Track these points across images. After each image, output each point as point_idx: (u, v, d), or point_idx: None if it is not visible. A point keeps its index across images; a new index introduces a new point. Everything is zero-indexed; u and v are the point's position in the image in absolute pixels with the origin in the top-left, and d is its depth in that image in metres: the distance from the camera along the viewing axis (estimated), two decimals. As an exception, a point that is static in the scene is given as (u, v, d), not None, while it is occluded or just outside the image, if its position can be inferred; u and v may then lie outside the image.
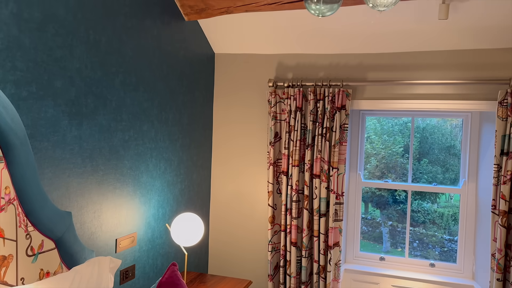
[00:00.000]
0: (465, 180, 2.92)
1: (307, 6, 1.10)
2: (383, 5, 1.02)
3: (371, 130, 3.59)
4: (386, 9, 1.03)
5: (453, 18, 2.44)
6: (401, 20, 2.53)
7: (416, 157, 3.34)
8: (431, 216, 3.80)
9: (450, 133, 3.35)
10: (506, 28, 2.45)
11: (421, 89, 2.79)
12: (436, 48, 2.74)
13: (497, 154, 2.51)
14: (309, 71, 3.04)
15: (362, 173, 3.19)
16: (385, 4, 1.02)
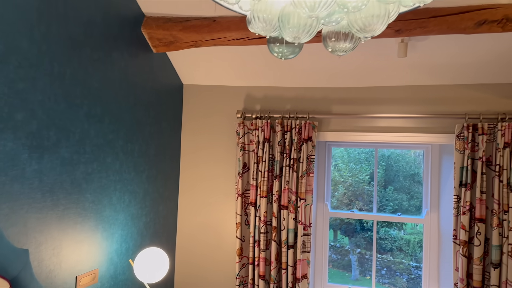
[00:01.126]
0: (428, 210, 3.01)
1: (270, 49, 1.14)
2: (341, 50, 1.07)
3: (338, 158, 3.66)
4: (345, 54, 1.08)
5: (411, 56, 2.58)
6: (364, 57, 2.65)
7: (382, 184, 3.42)
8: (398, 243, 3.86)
9: (413, 161, 3.46)
10: (461, 65, 2.61)
11: (383, 122, 2.90)
12: (396, 84, 2.87)
13: (456, 185, 2.61)
14: (276, 103, 3.10)
15: (329, 203, 3.22)
16: (343, 50, 1.07)
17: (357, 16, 0.97)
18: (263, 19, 1.04)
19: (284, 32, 0.99)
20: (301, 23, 0.97)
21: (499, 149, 2.52)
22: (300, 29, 0.97)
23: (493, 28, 2.13)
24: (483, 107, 2.73)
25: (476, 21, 2.13)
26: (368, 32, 0.97)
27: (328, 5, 0.86)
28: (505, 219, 2.49)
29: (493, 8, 2.10)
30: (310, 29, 0.97)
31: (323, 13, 0.87)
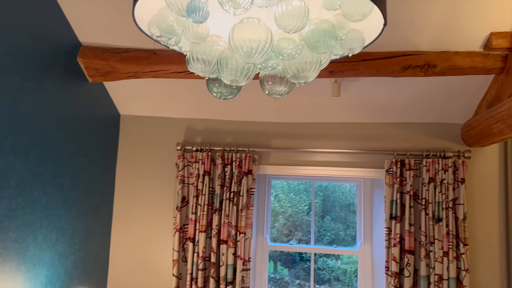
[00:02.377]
0: (362, 242, 3.11)
1: (209, 89, 1.15)
2: (278, 93, 1.11)
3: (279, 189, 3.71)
4: (281, 97, 1.11)
5: (344, 95, 2.72)
6: (302, 94, 2.76)
7: (320, 215, 3.50)
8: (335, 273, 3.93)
9: (349, 191, 3.60)
10: (390, 105, 2.80)
11: (320, 156, 3.00)
12: (332, 120, 3.00)
13: (387, 218, 2.74)
14: (217, 136, 3.10)
15: (268, 236, 3.23)
16: (279, 93, 1.11)
17: (292, 62, 1.01)
18: (202, 60, 1.05)
19: (223, 75, 1.01)
20: (239, 67, 0.99)
21: (425, 183, 2.70)
22: (238, 72, 0.99)
23: (417, 72, 2.33)
24: (410, 144, 2.93)
25: (402, 65, 2.32)
26: (302, 79, 1.01)
27: (264, 52, 0.89)
28: (432, 250, 2.65)
29: (416, 54, 2.30)
30: (248, 72, 1.00)
31: (259, 59, 0.90)
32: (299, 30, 0.90)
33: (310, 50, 0.97)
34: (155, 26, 1.04)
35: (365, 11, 0.92)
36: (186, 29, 1.00)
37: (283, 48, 1.00)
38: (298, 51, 0.98)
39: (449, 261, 2.60)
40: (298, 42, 1.02)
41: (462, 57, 2.27)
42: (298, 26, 0.89)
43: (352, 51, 1.04)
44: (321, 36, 0.94)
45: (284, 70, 1.03)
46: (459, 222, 2.66)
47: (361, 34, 1.03)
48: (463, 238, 2.63)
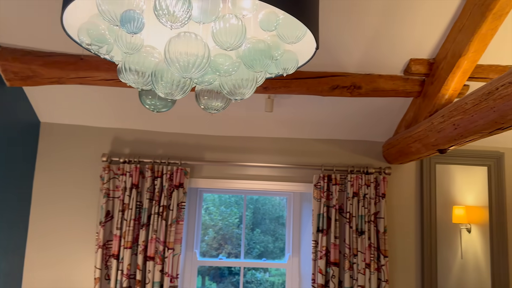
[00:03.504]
0: (290, 255, 3.17)
1: (141, 101, 1.11)
2: (213, 108, 1.10)
3: (210, 202, 3.67)
4: (217, 112, 1.11)
5: (277, 111, 2.79)
6: (236, 108, 2.77)
7: (250, 227, 3.51)
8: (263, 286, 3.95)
9: (279, 204, 3.66)
10: (319, 122, 2.91)
11: (251, 170, 3.03)
12: (264, 135, 3.06)
13: (314, 231, 2.83)
14: (147, 147, 3.00)
15: (198, 251, 3.17)
16: (215, 108, 1.10)
17: (228, 78, 1.01)
18: (135, 71, 1.02)
19: (157, 87, 0.98)
20: (174, 80, 0.97)
21: (349, 198, 2.83)
22: (174, 86, 0.97)
23: (344, 93, 2.45)
24: (337, 160, 3.07)
25: (330, 85, 2.43)
26: (238, 95, 1.02)
27: (201, 67, 0.88)
28: (355, 262, 2.77)
29: (343, 75, 2.43)
30: (184, 86, 0.98)
31: (196, 74, 0.89)
32: (236, 48, 0.91)
33: (246, 68, 0.98)
34: (85, 34, 0.99)
35: (299, 34, 0.95)
36: (118, 38, 0.96)
37: (220, 64, 1.00)
38: (234, 68, 0.98)
39: (371, 273, 2.75)
40: (235, 59, 1.03)
41: (385, 80, 2.44)
42: (235, 44, 0.89)
43: (286, 71, 1.07)
44: (257, 55, 0.96)
45: (220, 86, 1.03)
46: (380, 235, 2.82)
47: (295, 55, 1.07)
48: (383, 250, 2.80)
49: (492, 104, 1.66)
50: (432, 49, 2.23)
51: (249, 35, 1.03)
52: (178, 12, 0.83)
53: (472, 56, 2.00)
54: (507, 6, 1.75)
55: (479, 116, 1.78)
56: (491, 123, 1.74)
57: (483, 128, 1.81)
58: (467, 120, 1.87)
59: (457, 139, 2.05)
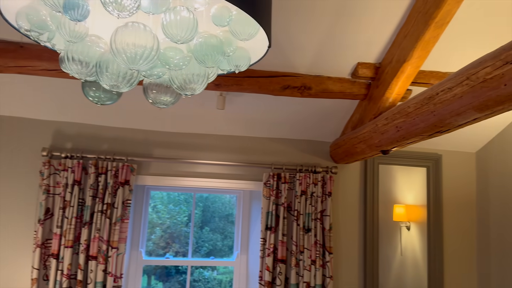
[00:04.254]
0: (238, 253, 3.18)
1: (85, 93, 1.05)
2: (162, 103, 1.07)
3: (157, 200, 3.59)
4: (166, 107, 1.08)
5: (229, 109, 2.78)
6: (186, 104, 2.72)
7: (199, 225, 3.47)
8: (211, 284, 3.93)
9: (229, 202, 3.65)
10: (269, 121, 2.94)
11: (201, 168, 2.99)
12: (215, 132, 3.03)
13: (263, 229, 2.85)
14: (91, 142, 2.87)
15: (143, 250, 3.08)
16: (164, 103, 1.07)
17: (178, 73, 0.99)
18: (78, 61, 0.96)
19: (102, 79, 0.93)
20: (121, 72, 0.93)
21: (297, 196, 2.88)
22: (120, 78, 0.93)
23: (294, 93, 2.49)
24: (286, 158, 3.11)
25: (282, 85, 2.46)
26: (188, 90, 1.00)
27: (149, 59, 0.85)
28: (301, 259, 2.83)
29: (294, 76, 2.47)
30: (130, 79, 0.94)
31: (144, 66, 0.86)
32: (187, 42, 0.89)
33: (197, 63, 0.96)
34: (24, 19, 0.91)
35: (252, 31, 0.95)
36: (61, 25, 0.90)
37: (170, 57, 0.97)
38: (185, 62, 0.96)
39: (316, 269, 2.81)
40: (186, 53, 1.00)
41: (333, 82, 2.50)
42: (186, 37, 0.87)
43: (238, 68, 1.06)
44: (209, 50, 0.94)
45: (170, 80, 1.00)
46: (325, 232, 2.90)
47: (247, 52, 1.06)
48: (328, 247, 2.87)
49: (432, 108, 1.76)
50: (379, 54, 2.32)
51: (201, 29, 1.01)
52: (126, 1, 0.79)
53: (416, 62, 2.10)
54: (448, 16, 1.86)
55: (420, 119, 1.87)
56: (431, 126, 1.84)
57: (424, 130, 1.91)
58: (409, 123, 1.96)
59: (399, 140, 2.14)
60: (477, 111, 1.56)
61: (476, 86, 1.47)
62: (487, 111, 1.53)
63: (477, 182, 3.32)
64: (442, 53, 2.33)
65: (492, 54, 1.39)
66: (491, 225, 3.12)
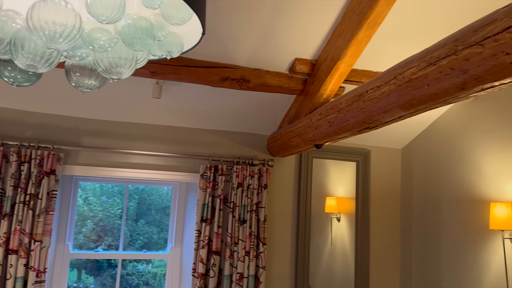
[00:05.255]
0: (172, 245, 3.12)
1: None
2: (86, 87, 1.01)
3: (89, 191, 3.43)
4: (90, 91, 1.02)
5: (165, 98, 2.70)
6: (120, 91, 2.61)
7: (134, 218, 3.37)
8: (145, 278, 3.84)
9: (166, 194, 3.58)
10: (208, 112, 2.91)
11: (135, 158, 2.90)
12: (150, 122, 2.94)
13: (198, 220, 2.83)
14: (13, 128, 2.66)
15: (71, 244, 2.93)
16: (88, 87, 1.01)
17: (104, 55, 0.93)
18: (-10, 36, 0.87)
19: (17, 58, 0.85)
20: (38, 51, 0.86)
21: (234, 188, 2.89)
22: (37, 57, 0.86)
23: (233, 85, 2.48)
24: (224, 150, 3.10)
25: (221, 76, 2.44)
26: (114, 74, 0.95)
27: (70, 38, 0.79)
28: (236, 250, 2.85)
29: (233, 68, 2.46)
30: (49, 59, 0.88)
31: (64, 46, 0.80)
32: (113, 22, 0.84)
33: (125, 45, 0.92)
34: None
35: (185, 17, 0.92)
36: (-31, -5, 0.81)
37: (95, 38, 0.92)
38: (111, 44, 0.91)
39: (250, 260, 2.85)
40: (113, 35, 0.95)
41: (271, 76, 2.53)
42: (112, 17, 0.82)
43: (170, 54, 1.03)
44: (138, 33, 0.90)
45: (95, 63, 0.94)
46: (260, 224, 2.94)
47: (180, 38, 1.03)
48: (262, 238, 2.92)
49: (362, 105, 1.84)
50: (315, 50, 2.38)
51: (132, 11, 0.96)
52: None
53: (349, 61, 2.18)
54: (380, 17, 1.95)
55: (350, 116, 1.95)
56: (360, 122, 1.92)
57: (354, 126, 2.00)
58: (341, 119, 2.04)
59: (331, 135, 2.22)
60: (402, 109, 1.65)
61: (402, 85, 1.56)
62: (412, 110, 1.63)
63: (401, 177, 3.54)
64: (374, 53, 2.44)
65: (417, 55, 1.48)
66: (413, 216, 3.35)
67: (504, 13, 1.11)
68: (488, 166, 2.65)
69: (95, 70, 1.01)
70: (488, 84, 1.26)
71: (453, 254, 2.88)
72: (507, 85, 1.28)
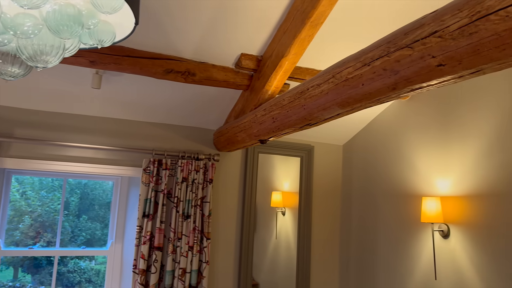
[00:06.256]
0: (113, 241, 3.03)
1: None
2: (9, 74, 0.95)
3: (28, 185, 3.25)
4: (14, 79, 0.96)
5: (105, 89, 2.61)
6: (56, 80, 2.48)
7: (76, 214, 3.24)
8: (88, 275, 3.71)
9: (110, 189, 3.46)
10: (152, 105, 2.84)
11: (74, 151, 2.77)
12: (90, 113, 2.82)
13: (140, 216, 2.77)
14: None
15: (2, 241, 2.75)
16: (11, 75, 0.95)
17: (29, 42, 0.88)
18: None
19: None
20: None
21: (178, 183, 2.85)
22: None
23: (178, 78, 2.44)
24: (169, 145, 3.05)
25: (165, 68, 2.39)
26: (40, 62, 0.90)
27: (-13, 22, 0.74)
28: (179, 245, 2.82)
29: (179, 60, 2.41)
30: (-35, 43, 0.81)
31: (-21, 30, 0.74)
32: (35, 7, 0.79)
33: (51, 33, 0.87)
34: None
35: (116, 5, 0.88)
36: None
37: (18, 24, 0.86)
38: (35, 31, 0.86)
39: (193, 255, 2.83)
40: (39, 21, 0.90)
41: (217, 70, 2.52)
42: (35, 2, 0.78)
43: (101, 43, 0.99)
44: (65, 20, 0.85)
45: (18, 49, 0.89)
46: (204, 218, 2.93)
47: (112, 27, 0.99)
48: (206, 233, 2.91)
49: (303, 102, 1.88)
50: (261, 47, 2.40)
51: (60, -4, 0.91)
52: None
53: (292, 58, 2.22)
54: (322, 16, 2.00)
55: (292, 112, 1.99)
56: (301, 119, 1.97)
57: (296, 122, 2.04)
58: (284, 115, 2.07)
59: (275, 131, 2.25)
60: (339, 107, 1.71)
61: (340, 84, 1.61)
62: (348, 108, 1.69)
63: (342, 172, 3.67)
64: (317, 51, 2.50)
65: (354, 56, 1.53)
66: (353, 209, 3.49)
67: (432, 18, 1.18)
68: (421, 162, 2.82)
69: (19, 57, 0.95)
70: (417, 85, 1.34)
71: (388, 246, 3.04)
72: (434, 87, 1.36)
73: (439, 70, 1.20)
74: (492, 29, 0.98)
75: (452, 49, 1.11)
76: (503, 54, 1.02)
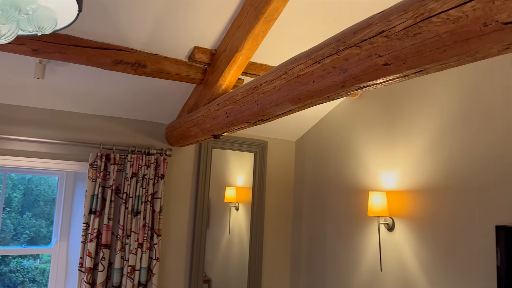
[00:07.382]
0: (57, 239, 2.89)
1: None
2: None
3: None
4: None
5: (50, 79, 2.47)
6: (-6, 68, 2.32)
7: (19, 211, 3.06)
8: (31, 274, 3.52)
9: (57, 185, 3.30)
10: (100, 97, 2.73)
11: (15, 145, 2.61)
12: (32, 105, 2.67)
13: (86, 213, 2.66)
14: None
15: None
16: None
17: (-44, 26, 0.81)
18: None
19: None
20: None
21: (128, 178, 2.77)
22: None
23: (128, 69, 2.36)
24: (117, 138, 2.95)
25: (114, 59, 2.30)
26: (-30, 48, 0.82)
27: None
28: (127, 243, 2.74)
29: (128, 51, 2.33)
30: None
31: None
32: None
33: (-17, 16, 0.80)
34: None
35: (57, -10, 0.83)
36: None
37: None
38: (-36, 14, 0.79)
39: (143, 252, 2.76)
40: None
41: (170, 63, 2.46)
42: (-37, -18, 0.71)
43: (42, 30, 0.93)
44: (0, 4, 0.79)
45: None
46: (155, 215, 2.87)
47: (53, 14, 0.93)
48: (157, 230, 2.85)
49: (256, 97, 1.88)
50: (215, 40, 2.37)
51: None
52: None
53: (246, 53, 2.22)
54: (276, 12, 2.00)
55: (246, 107, 1.99)
56: (254, 114, 1.97)
57: (249, 118, 2.04)
58: (237, 110, 2.06)
59: (228, 126, 2.24)
60: (291, 103, 1.73)
61: (292, 80, 1.62)
62: (299, 104, 1.71)
63: (295, 167, 3.74)
64: (271, 47, 2.52)
65: (305, 53, 1.55)
66: (304, 204, 3.56)
67: (379, 18, 1.21)
68: (369, 158, 2.92)
69: None
70: (364, 83, 1.38)
71: (337, 239, 3.13)
72: (380, 85, 1.41)
73: (385, 69, 1.24)
74: (434, 31, 1.03)
75: (398, 49, 1.15)
76: (444, 55, 1.08)
